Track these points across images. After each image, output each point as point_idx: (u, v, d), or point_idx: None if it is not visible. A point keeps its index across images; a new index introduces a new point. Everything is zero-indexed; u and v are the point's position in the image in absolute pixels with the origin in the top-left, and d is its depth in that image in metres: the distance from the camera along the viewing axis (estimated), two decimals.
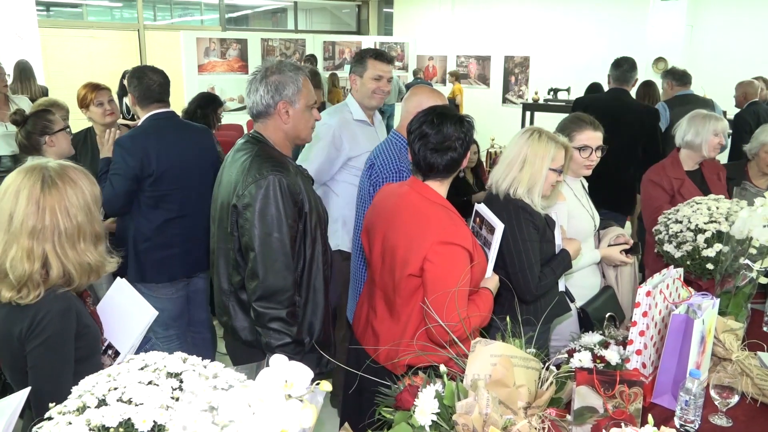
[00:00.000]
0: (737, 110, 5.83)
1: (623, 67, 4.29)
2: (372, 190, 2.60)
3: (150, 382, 1.14)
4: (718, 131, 3.09)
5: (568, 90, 9.99)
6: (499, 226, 2.03)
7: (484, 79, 12.33)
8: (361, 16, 14.50)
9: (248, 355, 2.06)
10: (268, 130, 2.09)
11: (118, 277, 2.01)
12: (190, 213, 2.98)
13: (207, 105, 4.17)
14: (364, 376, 1.74)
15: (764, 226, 2.25)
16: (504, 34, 11.78)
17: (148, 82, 2.93)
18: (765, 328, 2.62)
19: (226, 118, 6.66)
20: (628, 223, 5.66)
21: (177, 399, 1.13)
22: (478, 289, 2.05)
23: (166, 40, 11.19)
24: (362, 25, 14.50)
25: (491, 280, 2.09)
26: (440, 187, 2.04)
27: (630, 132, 3.91)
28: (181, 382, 1.15)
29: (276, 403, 0.91)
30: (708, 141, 3.08)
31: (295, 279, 2.01)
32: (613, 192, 3.78)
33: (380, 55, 3.02)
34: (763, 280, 2.37)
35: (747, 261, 2.30)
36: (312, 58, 9.81)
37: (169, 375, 1.17)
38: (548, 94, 10.07)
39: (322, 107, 3.31)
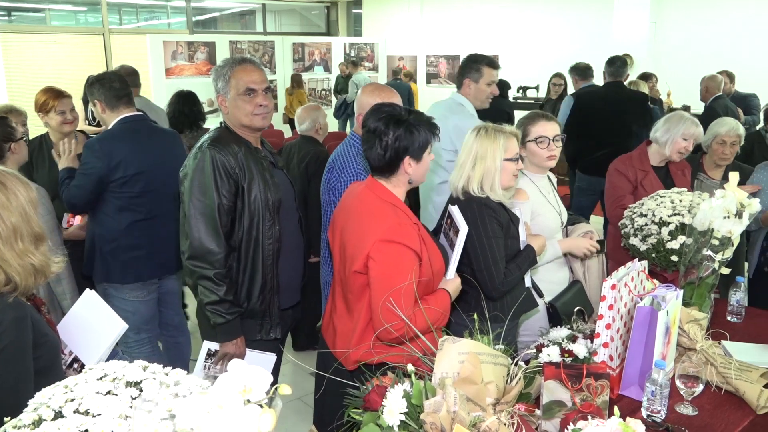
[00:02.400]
0: (702, 105, 6.01)
1: (616, 64, 5.14)
2: (331, 194, 2.61)
3: (108, 392, 1.12)
4: (688, 136, 3.09)
5: (536, 88, 10.09)
6: (464, 229, 2.03)
7: (454, 78, 12.38)
8: (331, 18, 14.48)
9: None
10: (226, 119, 2.35)
11: (87, 289, 1.98)
12: (159, 215, 2.97)
13: (186, 103, 4.20)
14: (331, 377, 1.73)
15: (725, 218, 2.29)
16: (473, 34, 11.86)
17: (111, 85, 2.91)
18: (729, 318, 2.67)
19: None
20: (595, 218, 5.74)
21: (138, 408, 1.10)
22: (436, 290, 2.04)
23: (132, 44, 11.04)
24: (331, 26, 14.47)
25: (451, 282, 2.07)
26: (394, 187, 2.02)
27: (625, 114, 4.90)
28: (141, 390, 1.13)
29: (235, 408, 0.90)
30: (674, 142, 3.11)
31: (229, 244, 2.22)
32: (594, 159, 4.70)
33: (493, 63, 3.34)
34: (725, 271, 2.42)
35: (709, 252, 2.35)
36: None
37: (129, 384, 1.15)
38: (517, 92, 10.17)
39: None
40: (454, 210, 2.16)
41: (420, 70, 12.81)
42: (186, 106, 4.19)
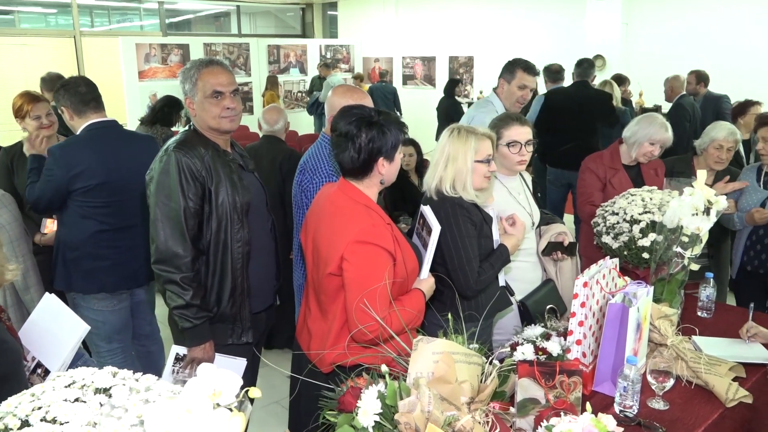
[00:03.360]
0: (669, 104, 6.19)
1: (584, 65, 5.69)
2: (303, 196, 2.60)
3: (77, 399, 1.10)
4: (655, 141, 3.13)
5: None
6: (436, 228, 2.03)
7: (430, 80, 12.45)
8: (306, 19, 14.43)
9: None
10: (194, 121, 2.33)
11: (47, 293, 1.95)
12: (128, 225, 2.90)
13: (172, 106, 4.70)
14: (305, 379, 1.73)
15: (693, 215, 2.33)
16: (448, 35, 11.91)
17: (77, 90, 2.82)
18: (699, 313, 2.72)
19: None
20: (569, 216, 5.81)
21: (106, 414, 1.09)
22: (410, 290, 2.04)
23: (104, 46, 10.87)
24: (307, 28, 14.43)
25: (425, 282, 2.08)
26: (366, 188, 2.02)
27: (590, 111, 5.38)
28: (110, 397, 1.12)
29: (204, 413, 0.89)
30: (641, 145, 3.15)
31: (197, 248, 2.20)
32: (583, 156, 4.86)
33: (529, 69, 3.43)
34: (694, 267, 2.46)
35: (679, 249, 2.39)
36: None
37: (98, 391, 1.13)
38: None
39: None
40: (426, 210, 2.17)
41: (396, 72, 12.84)
42: (167, 107, 4.65)
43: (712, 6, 8.65)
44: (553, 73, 6.16)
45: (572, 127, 5.25)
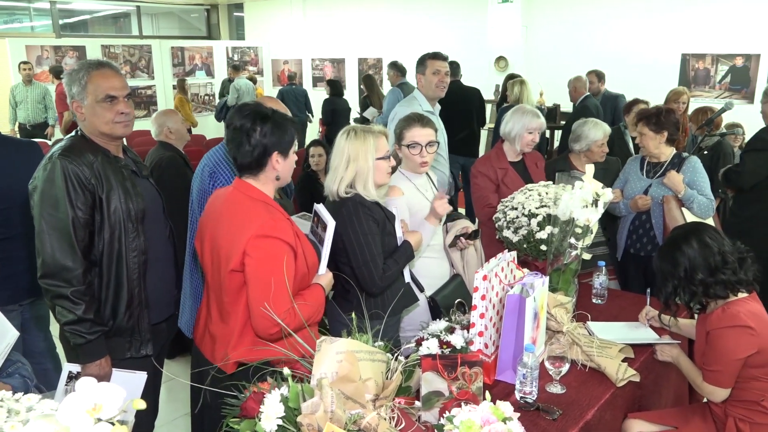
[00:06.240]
0: (571, 104, 6.53)
1: (453, 66, 6.27)
2: (201, 203, 2.53)
3: None
4: (533, 129, 3.30)
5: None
6: (331, 224, 2.07)
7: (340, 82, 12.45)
8: (211, 21, 14.08)
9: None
10: (82, 126, 2.20)
11: None
12: (9, 237, 2.71)
13: None
14: (206, 388, 1.69)
15: (584, 207, 2.46)
16: (356, 37, 11.97)
17: None
18: (593, 300, 2.88)
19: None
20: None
21: None
22: (310, 285, 2.07)
23: None
24: (212, 29, 14.08)
25: (324, 277, 2.12)
26: (263, 185, 2.03)
27: (470, 104, 6.69)
28: None
29: (84, 428, 0.86)
30: (521, 137, 3.31)
31: (88, 259, 2.10)
32: (462, 140, 6.39)
33: (437, 55, 3.92)
34: (586, 256, 2.60)
35: (572, 240, 2.52)
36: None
37: None
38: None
39: None
40: (320, 207, 2.21)
41: (306, 74, 12.76)
42: None
43: (609, 8, 9.16)
44: (454, 70, 6.86)
45: (462, 118, 6.40)
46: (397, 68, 7.50)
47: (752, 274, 2.22)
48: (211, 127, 10.90)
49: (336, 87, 9.03)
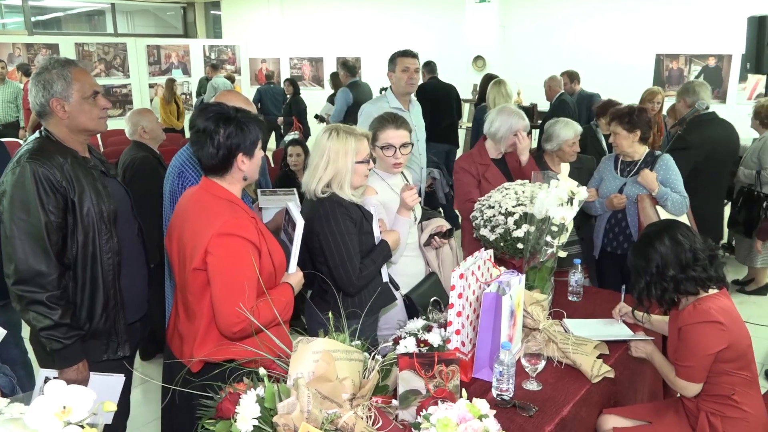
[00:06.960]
0: (547, 102, 6.61)
1: (431, 65, 7.56)
2: (173, 203, 2.51)
3: None
4: (518, 130, 3.33)
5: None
6: (300, 223, 2.06)
7: (318, 81, 12.41)
8: (188, 19, 13.93)
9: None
10: (51, 126, 2.14)
11: None
12: None
13: None
14: (174, 388, 1.68)
15: (559, 205, 2.49)
16: (335, 36, 11.94)
17: None
18: (570, 297, 2.91)
19: None
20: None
21: None
22: (279, 284, 2.07)
23: None
24: (189, 27, 13.93)
25: (293, 276, 2.12)
26: (229, 185, 2.02)
27: (449, 98, 7.13)
28: None
29: None
30: (507, 138, 3.33)
31: (62, 263, 2.05)
32: (441, 130, 6.69)
33: (406, 53, 4.00)
34: (562, 254, 2.63)
35: (548, 238, 2.54)
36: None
37: None
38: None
39: None
40: (291, 206, 2.21)
41: (284, 73, 12.69)
42: None
43: (584, 9, 9.26)
44: (432, 67, 7.63)
45: (443, 109, 6.85)
46: (347, 68, 7.75)
47: (722, 271, 2.26)
48: (188, 126, 10.80)
49: (297, 86, 9.41)
